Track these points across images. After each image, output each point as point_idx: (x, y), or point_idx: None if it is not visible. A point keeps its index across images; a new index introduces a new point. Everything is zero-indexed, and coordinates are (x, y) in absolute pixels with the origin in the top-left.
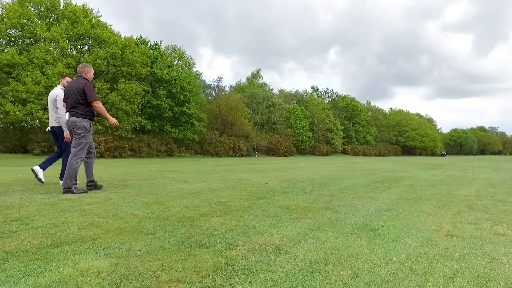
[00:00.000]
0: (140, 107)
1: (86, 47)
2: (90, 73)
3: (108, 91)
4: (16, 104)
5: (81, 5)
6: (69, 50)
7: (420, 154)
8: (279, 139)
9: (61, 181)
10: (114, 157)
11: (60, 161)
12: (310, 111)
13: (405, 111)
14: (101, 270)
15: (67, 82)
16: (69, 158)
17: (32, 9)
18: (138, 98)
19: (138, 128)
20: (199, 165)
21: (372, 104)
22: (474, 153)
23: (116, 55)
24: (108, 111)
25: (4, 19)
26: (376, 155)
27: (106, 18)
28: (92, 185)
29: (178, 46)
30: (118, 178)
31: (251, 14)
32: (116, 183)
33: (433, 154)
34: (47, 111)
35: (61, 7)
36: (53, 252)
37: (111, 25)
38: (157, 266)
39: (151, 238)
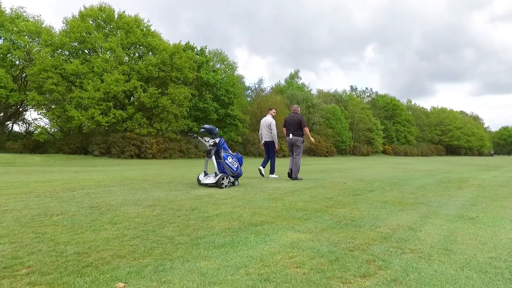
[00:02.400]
0: (188, 110)
1: (137, 55)
2: (299, 109)
3: (159, 95)
4: (79, 109)
5: (133, 15)
6: (123, 58)
7: (465, 154)
8: (320, 140)
9: (270, 175)
10: (165, 157)
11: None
12: (350, 111)
13: (448, 109)
14: (310, 239)
15: (274, 111)
16: (296, 160)
17: (91, 22)
18: (186, 102)
19: (186, 130)
20: (253, 166)
21: (412, 102)
22: None
23: (166, 61)
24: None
25: (69, 33)
26: (418, 155)
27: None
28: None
29: (219, 50)
30: None
31: (285, 15)
32: None
33: (480, 154)
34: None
35: (115, 18)
36: (259, 229)
37: (159, 32)
38: (343, 237)
39: (312, 221)
